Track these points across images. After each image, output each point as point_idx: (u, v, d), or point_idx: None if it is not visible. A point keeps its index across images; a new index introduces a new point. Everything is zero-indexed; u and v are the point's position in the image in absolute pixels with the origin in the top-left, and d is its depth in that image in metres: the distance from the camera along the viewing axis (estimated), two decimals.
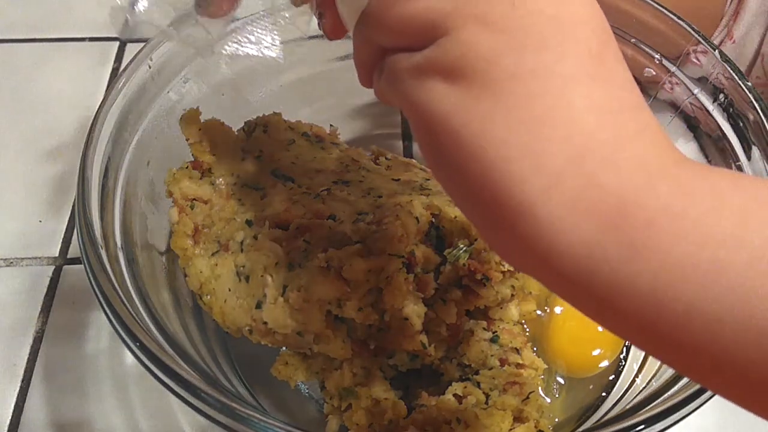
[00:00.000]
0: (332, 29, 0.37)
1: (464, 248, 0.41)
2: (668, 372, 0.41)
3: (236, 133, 0.49)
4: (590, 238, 0.23)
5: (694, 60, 0.47)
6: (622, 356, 0.48)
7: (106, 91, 0.46)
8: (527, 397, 0.39)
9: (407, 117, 0.28)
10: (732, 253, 0.22)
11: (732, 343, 0.22)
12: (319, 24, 0.39)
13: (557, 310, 0.49)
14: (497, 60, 0.24)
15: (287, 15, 0.41)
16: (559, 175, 0.23)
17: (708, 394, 0.35)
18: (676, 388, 0.37)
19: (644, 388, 0.43)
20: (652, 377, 0.43)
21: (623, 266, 0.23)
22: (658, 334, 0.23)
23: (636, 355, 0.48)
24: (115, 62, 0.72)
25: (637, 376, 0.46)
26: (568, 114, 0.24)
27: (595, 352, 0.48)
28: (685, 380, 0.37)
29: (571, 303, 0.26)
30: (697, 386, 0.35)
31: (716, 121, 0.46)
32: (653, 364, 0.45)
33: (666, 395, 0.37)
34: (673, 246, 0.22)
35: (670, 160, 0.24)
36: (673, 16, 0.47)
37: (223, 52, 0.42)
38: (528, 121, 0.24)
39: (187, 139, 0.47)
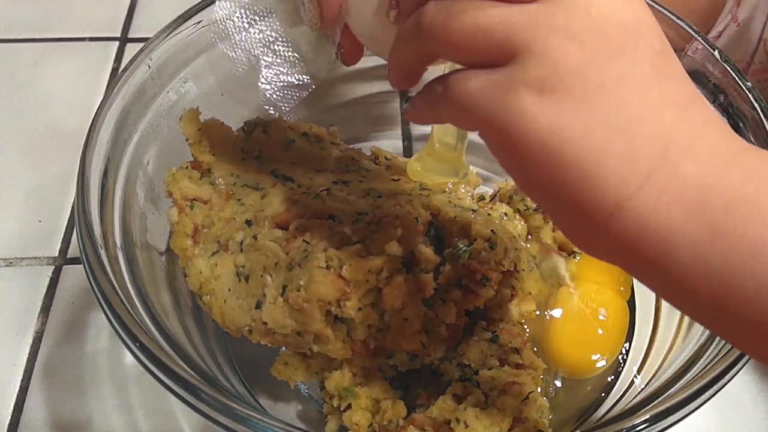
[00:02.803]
0: (349, 55, 0.38)
1: (464, 248, 0.41)
2: (668, 372, 0.41)
3: (236, 133, 0.49)
4: (675, 224, 0.25)
5: (690, 54, 0.47)
6: (621, 357, 0.48)
7: (106, 91, 0.46)
8: (527, 398, 0.39)
9: (485, 137, 0.28)
10: None
11: None
12: (336, 53, 0.39)
13: (557, 312, 0.49)
14: (585, 72, 0.26)
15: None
16: (650, 172, 0.25)
17: (708, 394, 0.35)
18: (675, 388, 0.37)
19: (643, 388, 0.43)
20: (652, 378, 0.43)
21: (701, 248, 0.25)
22: (727, 311, 0.25)
23: (635, 356, 0.48)
24: (115, 62, 0.72)
25: (636, 376, 0.46)
26: (652, 114, 0.26)
27: (595, 355, 0.48)
28: (684, 380, 0.37)
29: (646, 283, 0.28)
30: (697, 386, 0.35)
31: None
32: (652, 364, 0.45)
33: (665, 395, 0.37)
34: (747, 228, 0.24)
35: (737, 147, 0.27)
36: (672, 16, 0.47)
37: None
38: (622, 128, 0.25)
39: (186, 139, 0.47)
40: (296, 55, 0.42)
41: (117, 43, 0.74)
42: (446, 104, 0.29)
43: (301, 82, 0.42)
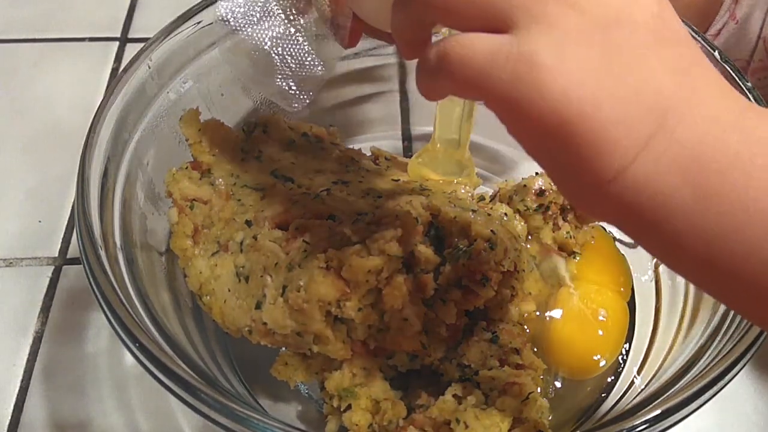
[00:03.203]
0: (349, 37, 0.37)
1: (464, 248, 0.41)
2: (668, 373, 0.41)
3: (236, 133, 0.49)
4: (671, 188, 0.26)
5: None
6: (621, 357, 0.48)
7: (106, 91, 0.46)
8: (527, 398, 0.39)
9: (493, 106, 0.27)
10: None
11: None
12: (335, 36, 0.39)
13: (557, 313, 0.49)
14: (589, 40, 0.26)
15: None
16: (649, 138, 0.26)
17: (708, 394, 0.35)
18: (675, 388, 0.37)
19: (644, 389, 0.43)
20: (652, 378, 0.43)
21: (696, 213, 0.25)
22: (718, 272, 0.26)
23: (635, 356, 0.48)
24: (115, 62, 0.72)
25: (636, 377, 0.46)
26: (652, 81, 0.26)
27: (595, 355, 0.48)
28: (684, 381, 0.37)
29: (643, 245, 0.28)
30: (697, 387, 0.35)
31: None
32: (652, 365, 0.45)
33: (665, 396, 0.37)
34: (741, 193, 0.25)
35: (737, 108, 0.26)
36: None
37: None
38: (625, 98, 0.26)
39: (186, 140, 0.47)
40: (307, 47, 0.42)
41: (117, 43, 0.74)
42: (447, 75, 0.28)
43: (314, 74, 0.42)
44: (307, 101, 0.42)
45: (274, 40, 0.41)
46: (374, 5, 0.36)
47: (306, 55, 0.42)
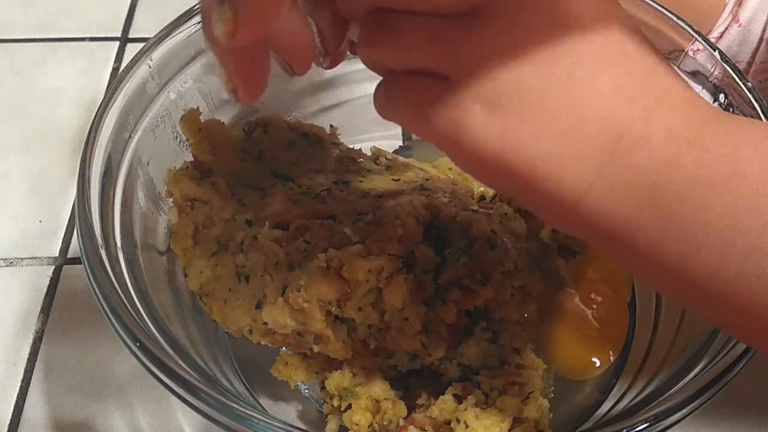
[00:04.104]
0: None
1: (464, 248, 0.41)
2: (668, 372, 0.41)
3: (236, 133, 0.49)
4: (629, 212, 0.26)
5: (691, 55, 0.47)
6: (621, 357, 0.48)
7: (106, 90, 0.46)
8: (527, 398, 0.39)
9: (439, 147, 0.29)
10: (749, 219, 0.24)
11: (752, 298, 0.24)
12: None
13: (557, 312, 0.49)
14: (526, 82, 0.26)
15: None
16: (601, 167, 0.26)
17: (708, 394, 0.35)
18: (675, 388, 0.37)
19: (644, 388, 0.43)
20: (652, 378, 0.43)
21: (655, 234, 0.25)
22: (686, 290, 0.27)
23: (635, 356, 0.48)
24: (115, 62, 0.72)
25: (636, 377, 0.46)
26: (599, 108, 0.26)
27: (595, 355, 0.48)
28: (684, 380, 0.37)
29: (614, 259, 0.29)
30: (697, 387, 0.35)
31: None
32: (652, 364, 0.45)
33: (665, 395, 0.37)
34: (698, 215, 0.25)
35: (698, 120, 0.26)
36: (672, 16, 0.47)
37: None
38: (569, 130, 0.26)
39: (187, 140, 0.47)
40: None
41: (117, 43, 0.74)
42: (394, 110, 0.29)
43: None
44: None
45: None
46: None
47: None
